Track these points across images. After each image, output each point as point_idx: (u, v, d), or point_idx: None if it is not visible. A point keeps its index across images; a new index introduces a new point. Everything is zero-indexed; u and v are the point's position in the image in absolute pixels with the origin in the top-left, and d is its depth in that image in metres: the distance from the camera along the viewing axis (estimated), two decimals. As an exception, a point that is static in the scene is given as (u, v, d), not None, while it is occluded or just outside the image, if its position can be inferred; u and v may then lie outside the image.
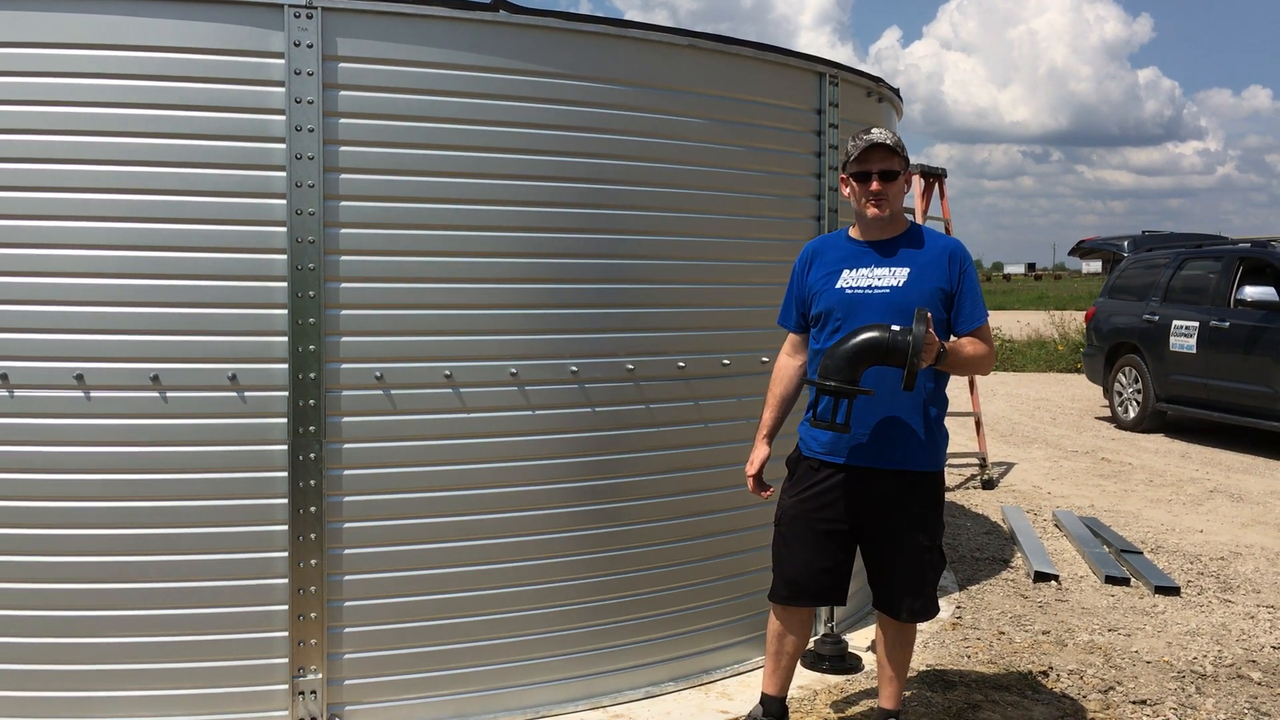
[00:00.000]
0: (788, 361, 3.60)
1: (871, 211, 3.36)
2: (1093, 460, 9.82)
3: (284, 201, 3.39)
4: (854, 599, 4.59)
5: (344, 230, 3.46)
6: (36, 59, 3.24)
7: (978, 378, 9.63)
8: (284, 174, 3.39)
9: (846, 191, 3.44)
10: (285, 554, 3.46)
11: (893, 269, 3.34)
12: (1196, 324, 10.56)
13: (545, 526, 3.78)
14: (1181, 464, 9.62)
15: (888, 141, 3.32)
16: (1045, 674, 4.42)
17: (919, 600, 3.39)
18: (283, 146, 3.38)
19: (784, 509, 3.49)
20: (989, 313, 3.43)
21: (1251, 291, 10.00)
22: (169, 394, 3.36)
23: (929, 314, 3.11)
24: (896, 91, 5.24)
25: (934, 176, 8.79)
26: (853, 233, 3.49)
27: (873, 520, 3.38)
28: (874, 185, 3.33)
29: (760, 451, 3.59)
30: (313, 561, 3.47)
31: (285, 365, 3.43)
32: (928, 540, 3.37)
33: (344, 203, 3.46)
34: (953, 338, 3.37)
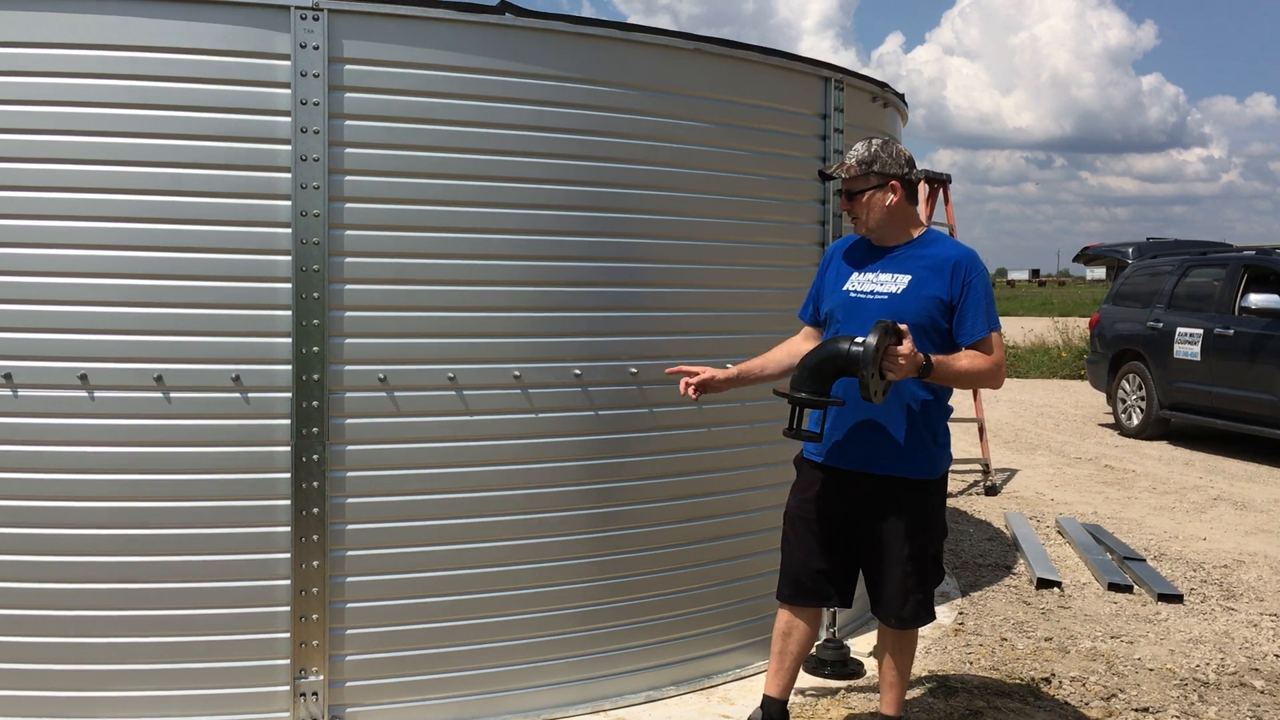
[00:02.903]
0: (799, 341, 3.61)
1: (857, 228, 3.44)
2: (1096, 467, 9.80)
3: (289, 203, 3.40)
4: (856, 603, 4.59)
5: (349, 232, 3.47)
6: (43, 59, 3.25)
7: (981, 384, 9.61)
8: (289, 175, 3.39)
9: None
10: (288, 555, 3.46)
11: (895, 275, 3.35)
12: (1201, 331, 10.54)
13: (547, 529, 3.78)
14: (1185, 471, 9.60)
15: (847, 162, 3.38)
16: (1048, 681, 4.41)
17: (905, 607, 3.37)
18: (288, 148, 3.38)
19: (788, 508, 3.53)
20: (1000, 329, 3.39)
21: (1256, 299, 9.98)
22: (172, 394, 3.37)
23: (896, 326, 3.08)
24: (902, 97, 5.24)
25: (938, 182, 8.78)
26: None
27: (861, 525, 3.40)
28: (841, 204, 3.44)
29: (712, 372, 3.48)
30: (315, 563, 3.47)
31: (289, 367, 3.43)
32: (915, 548, 3.35)
33: (349, 204, 3.46)
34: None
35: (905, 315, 3.22)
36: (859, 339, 3.09)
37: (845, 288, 3.41)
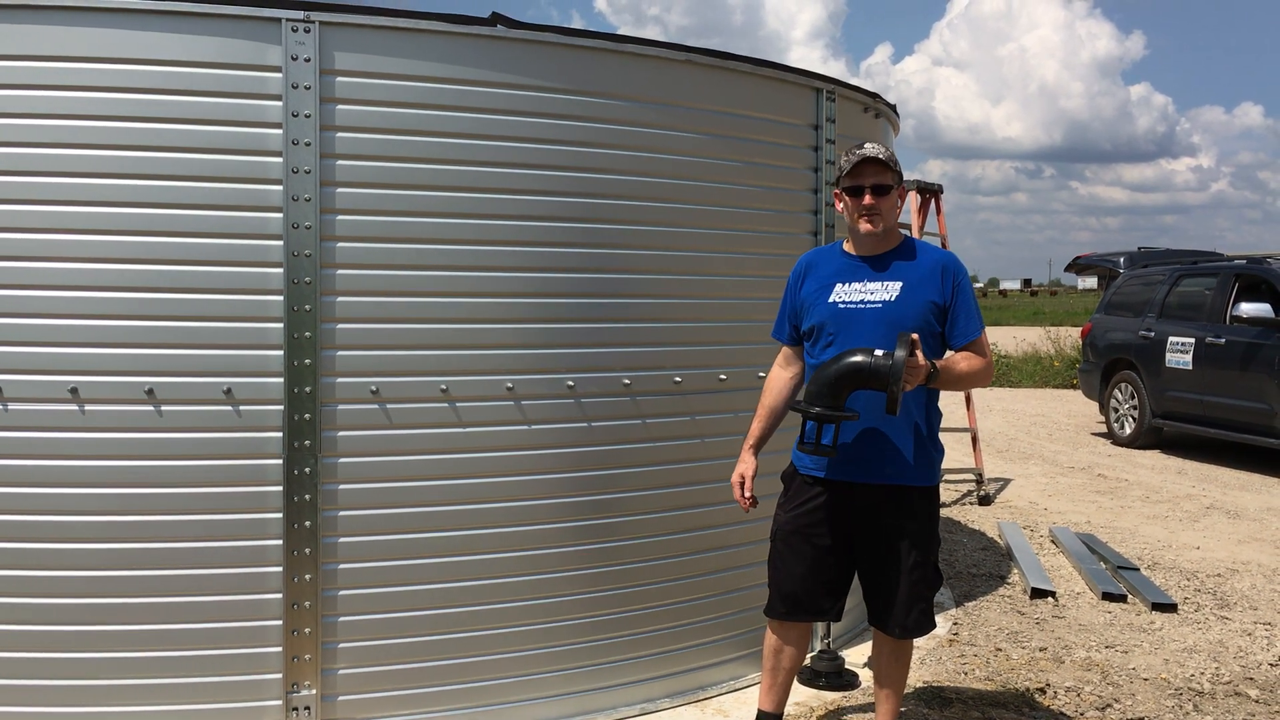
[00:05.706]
0: (780, 374, 3.60)
1: (865, 226, 3.34)
2: (1089, 476, 9.81)
3: (280, 215, 3.38)
4: (850, 614, 4.58)
5: (340, 244, 3.46)
6: (32, 72, 3.24)
7: (975, 394, 9.63)
8: (281, 188, 3.38)
9: (840, 206, 3.45)
10: (280, 569, 3.44)
11: (885, 283, 3.34)
12: (1192, 340, 10.57)
13: (540, 542, 3.77)
14: (1178, 480, 9.61)
15: (880, 155, 3.32)
16: (1042, 691, 4.40)
17: (910, 616, 3.36)
18: (279, 160, 3.38)
19: (779, 524, 3.48)
20: (985, 327, 3.43)
21: (1247, 308, 10.02)
22: (164, 407, 3.35)
23: (914, 337, 3.10)
24: (893, 107, 5.26)
25: (930, 192, 8.81)
26: (847, 246, 3.48)
27: (866, 535, 3.37)
28: (866, 199, 3.32)
29: (748, 464, 3.55)
30: (307, 576, 3.46)
31: (281, 379, 3.42)
32: (921, 555, 3.35)
33: (341, 217, 3.46)
34: (948, 353, 3.37)
35: (904, 322, 3.22)
36: (879, 352, 3.08)
37: (831, 300, 3.36)
